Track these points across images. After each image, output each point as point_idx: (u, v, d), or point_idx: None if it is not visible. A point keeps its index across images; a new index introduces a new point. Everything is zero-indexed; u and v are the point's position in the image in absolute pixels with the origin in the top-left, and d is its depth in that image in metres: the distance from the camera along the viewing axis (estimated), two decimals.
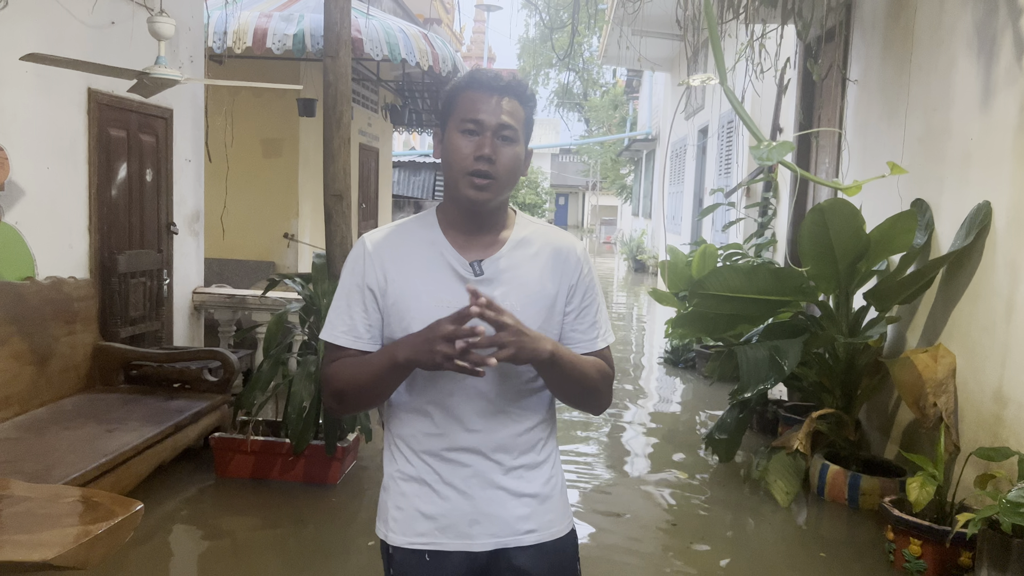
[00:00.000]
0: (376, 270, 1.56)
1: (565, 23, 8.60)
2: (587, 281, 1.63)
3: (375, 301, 1.56)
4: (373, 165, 11.15)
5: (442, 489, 1.56)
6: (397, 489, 1.60)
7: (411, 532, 1.57)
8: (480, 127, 1.50)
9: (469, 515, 1.55)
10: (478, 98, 1.51)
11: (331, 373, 1.57)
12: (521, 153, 1.55)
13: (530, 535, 1.59)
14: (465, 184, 1.51)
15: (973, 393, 3.62)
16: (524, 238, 1.60)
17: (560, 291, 1.60)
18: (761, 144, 3.20)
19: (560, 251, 1.62)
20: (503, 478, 1.57)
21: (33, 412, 3.94)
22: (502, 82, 1.52)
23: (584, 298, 1.63)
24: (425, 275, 1.54)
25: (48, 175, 4.26)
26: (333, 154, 4.47)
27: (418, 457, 1.57)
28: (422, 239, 1.58)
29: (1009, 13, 3.53)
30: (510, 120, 1.51)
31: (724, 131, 9.90)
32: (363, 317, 1.57)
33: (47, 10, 4.17)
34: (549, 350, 1.47)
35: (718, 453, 4.66)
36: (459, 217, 1.57)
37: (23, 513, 2.43)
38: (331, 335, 1.59)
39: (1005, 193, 3.48)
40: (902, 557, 3.39)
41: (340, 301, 1.60)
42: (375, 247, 1.58)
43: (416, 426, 1.57)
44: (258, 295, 5.47)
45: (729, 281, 4.24)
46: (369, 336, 1.57)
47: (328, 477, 4.23)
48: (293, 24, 6.86)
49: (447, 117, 1.55)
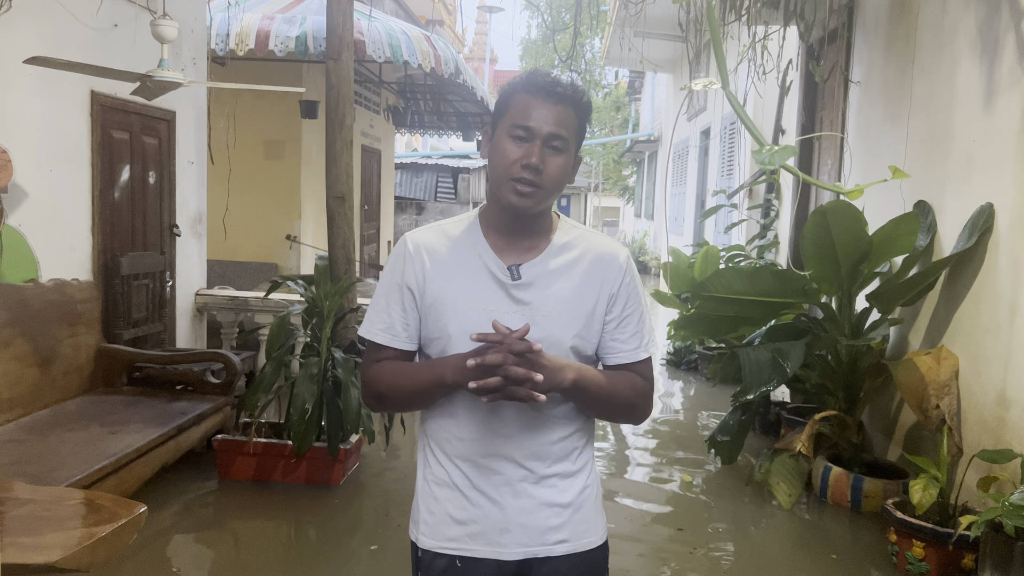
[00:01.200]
0: (416, 269, 1.55)
1: (567, 24, 8.59)
2: (629, 289, 1.59)
3: (413, 300, 1.56)
4: (375, 167, 11.16)
5: (473, 495, 1.54)
6: (429, 492, 1.59)
7: (442, 536, 1.56)
8: (530, 134, 1.48)
9: (500, 523, 1.54)
10: (532, 103, 1.48)
11: (373, 376, 1.58)
12: (570, 162, 1.53)
13: (561, 545, 1.57)
14: (508, 189, 1.49)
15: (976, 395, 3.61)
16: (566, 243, 1.58)
17: (600, 299, 1.57)
18: (763, 148, 3.20)
19: (602, 258, 1.58)
20: (535, 487, 1.55)
21: (36, 414, 3.95)
22: (559, 88, 1.49)
23: (626, 307, 1.59)
24: (463, 277, 1.53)
25: (51, 177, 4.27)
26: (335, 156, 4.48)
27: (451, 461, 1.56)
28: (463, 240, 1.57)
29: (1012, 15, 3.52)
30: (561, 130, 1.48)
31: (726, 132, 9.89)
32: (401, 316, 1.57)
33: (50, 13, 4.18)
34: (571, 379, 1.46)
35: (720, 455, 4.66)
36: (501, 220, 1.55)
37: (26, 515, 2.44)
38: (370, 332, 1.59)
39: (1008, 195, 3.47)
40: (905, 560, 3.39)
41: (380, 299, 1.60)
42: (416, 247, 1.57)
43: (450, 430, 1.55)
44: (260, 297, 5.48)
45: (731, 283, 4.24)
46: (406, 335, 1.57)
47: (331, 479, 4.23)
48: (295, 26, 6.87)
49: (499, 117, 1.53)
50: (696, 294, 4.37)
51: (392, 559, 3.54)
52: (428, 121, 12.76)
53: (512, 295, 1.52)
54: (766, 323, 4.58)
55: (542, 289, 1.53)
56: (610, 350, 1.60)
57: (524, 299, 1.52)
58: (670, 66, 13.55)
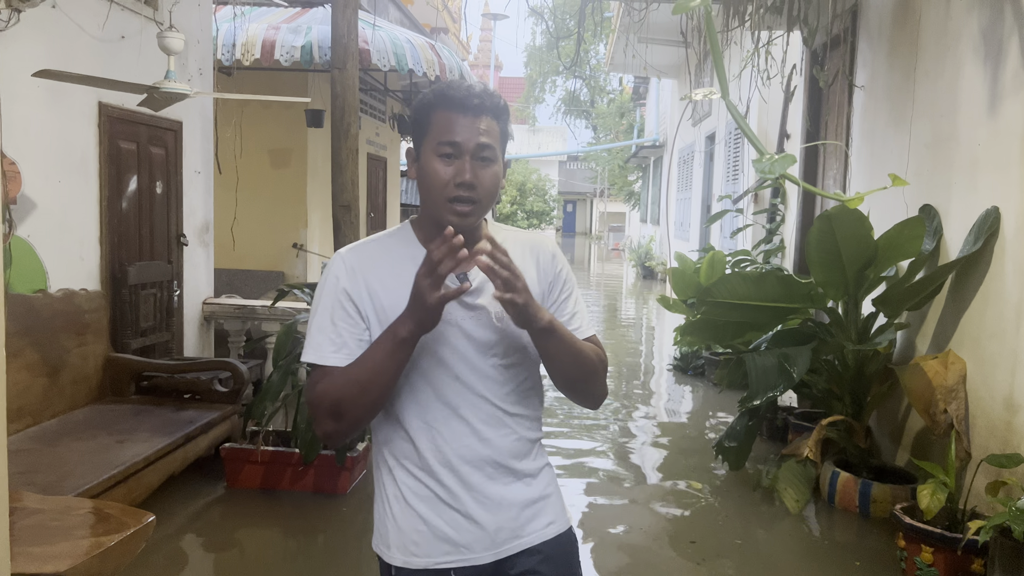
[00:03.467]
0: (359, 285, 1.52)
1: (571, 31, 8.60)
2: (564, 274, 1.66)
3: (361, 317, 1.52)
4: (381, 174, 11.19)
5: (459, 504, 1.53)
6: (409, 511, 1.55)
7: (437, 552, 1.53)
8: (458, 150, 1.47)
9: (492, 525, 1.55)
10: (453, 119, 1.47)
11: (321, 390, 1.48)
12: (500, 171, 1.53)
13: (551, 527, 1.61)
14: (447, 211, 1.48)
15: (984, 400, 3.60)
16: (500, 243, 1.59)
17: (542, 287, 1.62)
18: (763, 157, 3.20)
19: (534, 249, 1.64)
20: (515, 483, 1.58)
21: (45, 423, 3.97)
22: (475, 99, 1.48)
23: (562, 290, 1.65)
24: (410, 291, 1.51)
25: (59, 188, 4.30)
26: (341, 165, 4.50)
27: (427, 474, 1.54)
28: (403, 255, 1.55)
29: (1015, 19, 3.52)
30: (488, 140, 1.48)
31: (731, 137, 9.90)
32: (352, 332, 1.51)
33: (58, 25, 4.22)
34: (548, 318, 1.48)
35: (728, 461, 4.65)
36: (438, 233, 1.50)
37: (36, 525, 2.45)
38: (319, 356, 1.50)
39: (1013, 198, 3.47)
40: (914, 565, 3.37)
41: (323, 319, 1.52)
42: (355, 262, 1.54)
43: (423, 444, 1.53)
44: (267, 305, 5.49)
45: (737, 288, 4.24)
46: (360, 351, 1.50)
47: (338, 487, 4.24)
48: (301, 36, 6.90)
49: (421, 136, 1.51)
50: (702, 299, 4.37)
51: None
52: None
53: (464, 302, 1.53)
54: (772, 328, 4.57)
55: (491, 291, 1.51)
56: None
57: (477, 304, 1.54)
58: (674, 71, 13.57)
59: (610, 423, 6.03)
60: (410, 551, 1.55)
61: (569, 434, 5.64)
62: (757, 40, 5.75)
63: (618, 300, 15.65)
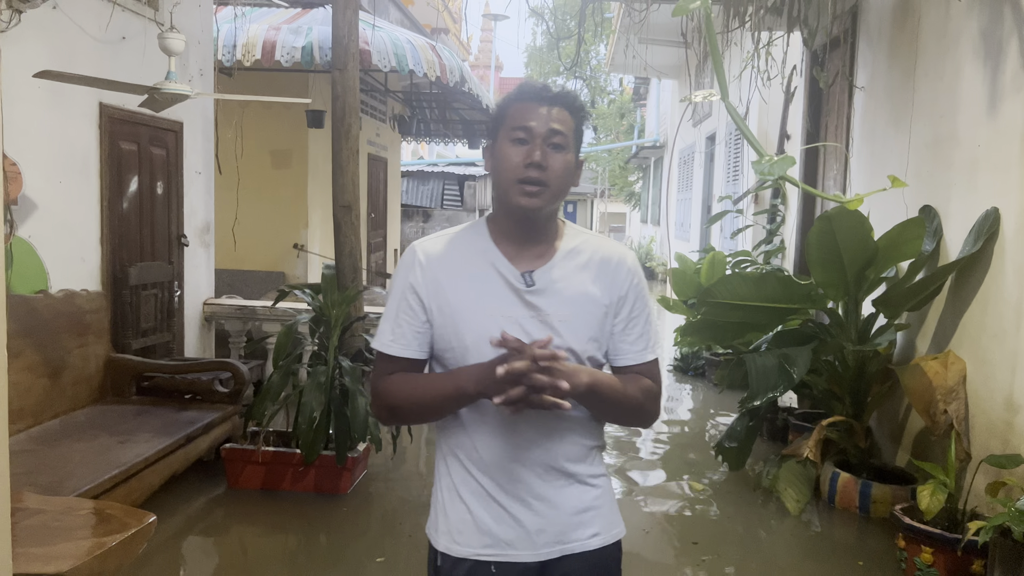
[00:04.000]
0: (427, 279, 1.56)
1: (572, 32, 8.60)
2: (637, 292, 1.63)
3: (424, 310, 1.56)
4: (382, 175, 11.20)
5: (506, 501, 1.56)
6: (457, 500, 1.58)
7: (477, 544, 1.56)
8: (530, 134, 1.51)
9: (535, 525, 1.56)
10: (527, 108, 1.52)
11: (384, 388, 1.57)
12: (572, 161, 1.56)
13: (595, 539, 1.61)
14: (516, 192, 1.51)
15: (984, 400, 3.61)
16: (574, 248, 1.61)
17: (611, 302, 1.60)
18: (762, 159, 3.20)
19: (610, 261, 1.62)
20: (565, 488, 1.58)
21: (46, 424, 3.98)
22: (551, 92, 1.53)
23: (633, 309, 1.62)
24: (477, 286, 1.55)
25: (60, 189, 4.31)
26: (342, 165, 4.51)
27: (478, 469, 1.57)
28: (474, 249, 1.58)
29: (1015, 20, 3.53)
30: (560, 126, 1.52)
31: (732, 138, 9.90)
32: (412, 326, 1.57)
33: (59, 26, 4.23)
34: (586, 383, 1.48)
35: (728, 461, 4.65)
36: (511, 227, 1.57)
37: (37, 526, 2.46)
38: (381, 344, 1.59)
39: (1013, 199, 3.47)
40: (914, 565, 3.38)
41: (390, 310, 1.60)
42: (427, 256, 1.58)
43: (477, 440, 1.56)
44: (268, 306, 5.50)
45: (738, 289, 4.24)
46: (418, 344, 1.57)
47: (339, 487, 4.25)
48: (301, 37, 6.91)
49: (497, 129, 1.56)
50: (702, 300, 4.37)
51: (401, 568, 3.55)
52: (434, 129, 12.81)
53: (526, 301, 1.54)
54: (773, 329, 4.57)
55: (555, 294, 1.55)
56: (618, 352, 1.62)
57: (538, 305, 1.54)
58: (675, 72, 13.57)
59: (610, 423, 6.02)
60: (453, 539, 1.58)
61: None
62: (757, 41, 5.75)
63: None
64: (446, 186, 17.60)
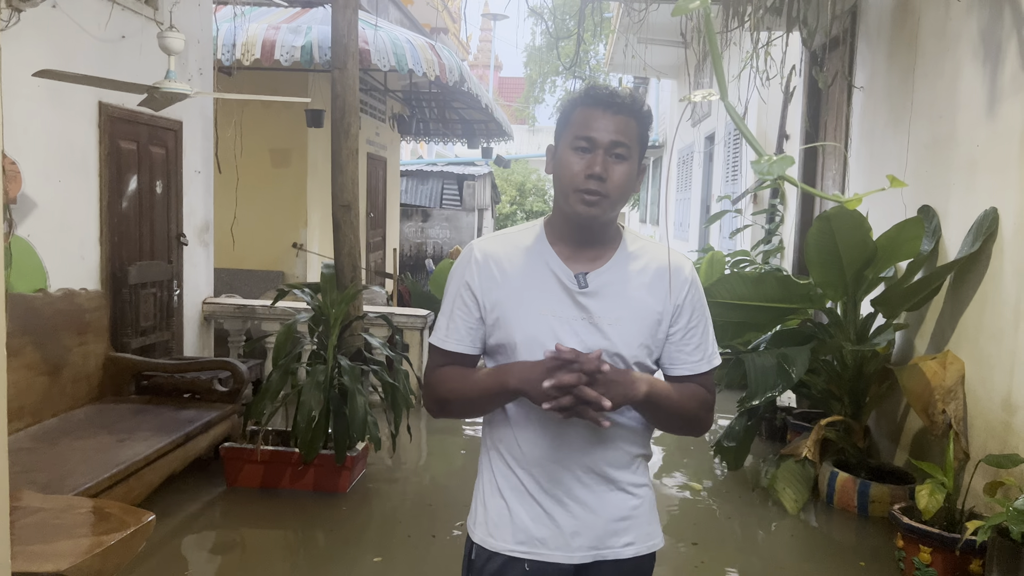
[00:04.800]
0: (483, 277, 1.58)
1: (571, 32, 8.61)
2: (695, 302, 1.62)
3: (478, 307, 1.58)
4: (381, 174, 11.19)
5: (545, 501, 1.57)
6: (497, 496, 1.60)
7: (511, 540, 1.58)
8: (592, 144, 1.51)
9: (571, 527, 1.57)
10: (592, 115, 1.52)
11: (435, 380, 1.62)
12: (634, 170, 1.55)
13: (629, 548, 1.62)
14: (575, 200, 1.52)
15: (982, 400, 3.61)
16: (632, 254, 1.61)
17: (665, 309, 1.59)
18: (761, 158, 3.20)
19: (667, 269, 1.61)
20: (606, 493, 1.59)
21: (45, 423, 3.98)
22: (617, 99, 1.52)
23: (691, 319, 1.62)
24: (530, 285, 1.56)
25: (59, 188, 4.31)
26: (341, 164, 4.50)
27: (521, 468, 1.58)
28: (531, 249, 1.60)
29: (1014, 20, 3.53)
30: (623, 138, 1.52)
31: (731, 138, 9.90)
32: (465, 322, 1.60)
33: (58, 25, 4.22)
34: (644, 392, 1.49)
35: (727, 461, 4.66)
36: (567, 230, 1.58)
37: (36, 524, 2.46)
38: (436, 338, 1.63)
39: (1012, 199, 3.48)
40: (912, 565, 3.38)
41: (446, 305, 1.63)
42: (483, 254, 1.60)
43: (521, 438, 1.58)
44: (267, 305, 5.50)
45: (736, 289, 4.25)
46: (471, 340, 1.60)
47: (338, 486, 4.25)
48: (301, 36, 6.91)
49: (561, 133, 1.57)
50: None
51: (400, 567, 3.55)
52: (433, 129, 12.80)
53: (578, 302, 1.54)
54: (771, 329, 4.58)
55: (608, 298, 1.55)
56: (675, 361, 1.63)
57: (590, 307, 1.54)
58: (674, 72, 13.57)
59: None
60: (489, 532, 1.60)
61: None
62: (756, 41, 5.76)
63: None
64: (445, 186, 17.60)
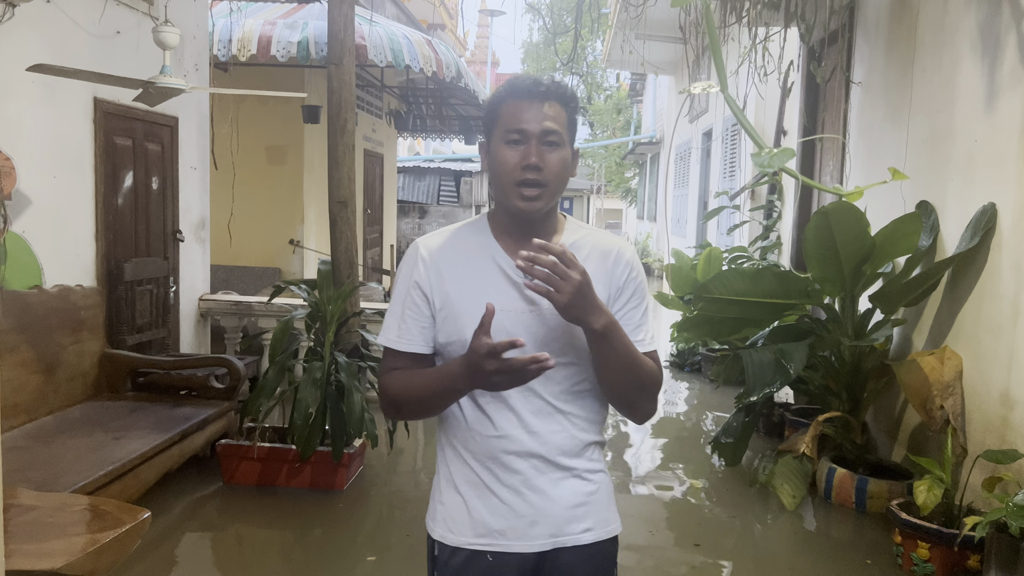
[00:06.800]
0: (430, 274, 1.57)
1: (568, 27, 8.60)
2: (635, 283, 1.63)
3: (428, 304, 1.58)
4: (378, 171, 11.17)
5: (502, 492, 1.57)
6: (454, 491, 1.60)
7: (470, 533, 1.58)
8: (524, 136, 1.51)
9: (529, 516, 1.57)
10: (520, 107, 1.52)
11: (387, 383, 1.61)
12: (568, 156, 1.56)
13: (587, 533, 1.61)
14: (515, 195, 1.52)
15: (980, 395, 3.61)
16: (574, 243, 1.61)
17: (610, 293, 1.60)
18: (761, 151, 3.20)
19: (608, 254, 1.62)
20: (562, 480, 1.59)
21: (40, 420, 3.96)
22: (541, 87, 1.52)
23: (631, 299, 1.62)
24: (477, 280, 1.56)
25: (54, 184, 4.29)
26: (337, 160, 4.49)
27: (476, 460, 1.58)
28: (475, 244, 1.60)
29: (1013, 14, 3.52)
30: (553, 125, 1.52)
31: (728, 134, 9.90)
32: (417, 321, 1.59)
33: (53, 20, 4.20)
34: (604, 322, 1.44)
35: (724, 457, 4.65)
36: (510, 224, 1.58)
37: (31, 522, 2.45)
38: (387, 339, 1.61)
39: (1010, 194, 3.47)
40: (910, 560, 3.38)
41: (396, 306, 1.62)
42: (429, 252, 1.59)
43: (475, 430, 1.57)
44: (264, 301, 5.49)
45: (734, 284, 4.24)
46: (423, 340, 1.59)
47: (335, 483, 4.24)
48: (297, 31, 6.89)
49: (491, 129, 1.56)
50: (699, 296, 4.37)
51: (396, 564, 3.54)
52: (430, 125, 12.78)
53: (525, 295, 1.54)
54: (769, 324, 4.57)
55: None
56: None
57: (537, 299, 1.54)
58: (671, 68, 13.56)
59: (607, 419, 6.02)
60: (448, 528, 1.60)
61: None
62: (754, 36, 5.74)
63: None
64: (442, 182, 17.59)
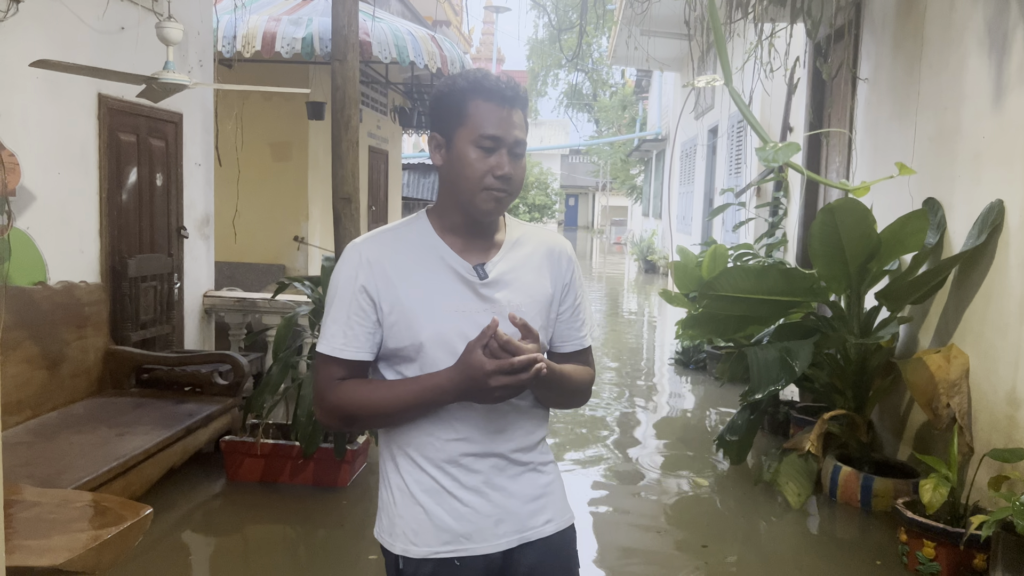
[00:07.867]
0: (376, 278, 1.51)
1: (574, 24, 8.59)
2: (577, 280, 1.67)
3: (375, 310, 1.52)
4: (382, 167, 11.17)
5: (464, 495, 1.54)
6: (412, 502, 1.55)
7: (435, 542, 1.54)
8: (498, 143, 1.48)
9: (493, 516, 1.56)
10: (492, 111, 1.48)
11: (338, 397, 1.52)
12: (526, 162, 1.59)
13: (548, 525, 1.62)
14: (483, 199, 1.50)
15: (986, 394, 3.59)
16: (518, 240, 1.62)
17: (556, 291, 1.63)
18: (767, 146, 3.18)
19: (553, 251, 1.64)
20: (520, 476, 1.59)
21: (44, 416, 3.96)
22: (510, 92, 1.50)
23: (577, 297, 1.67)
24: (430, 281, 1.52)
25: (59, 180, 4.29)
26: (342, 157, 4.47)
27: (435, 466, 1.54)
28: (420, 245, 1.55)
29: (1020, 11, 3.49)
30: (522, 134, 1.52)
31: (734, 130, 9.86)
32: (364, 327, 1.52)
33: (57, 16, 4.20)
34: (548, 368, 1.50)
35: (729, 455, 4.64)
36: (460, 223, 1.55)
37: (33, 518, 2.44)
38: (332, 348, 1.52)
39: (1018, 192, 3.45)
40: (916, 559, 3.36)
41: (338, 313, 1.53)
42: (372, 255, 1.53)
43: (435, 436, 1.54)
44: (268, 298, 5.48)
45: (739, 282, 4.22)
46: (370, 347, 1.53)
47: (338, 480, 4.23)
48: (302, 28, 6.88)
49: (455, 125, 1.50)
50: (704, 293, 4.35)
51: None
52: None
53: (481, 294, 1.53)
54: (774, 322, 4.55)
55: (507, 286, 1.55)
56: (565, 338, 1.66)
57: (492, 297, 1.54)
58: (677, 64, 13.52)
59: (611, 417, 6.02)
60: (409, 540, 1.55)
61: (571, 428, 5.63)
62: (760, 32, 5.72)
63: (620, 294, 15.63)
64: None
